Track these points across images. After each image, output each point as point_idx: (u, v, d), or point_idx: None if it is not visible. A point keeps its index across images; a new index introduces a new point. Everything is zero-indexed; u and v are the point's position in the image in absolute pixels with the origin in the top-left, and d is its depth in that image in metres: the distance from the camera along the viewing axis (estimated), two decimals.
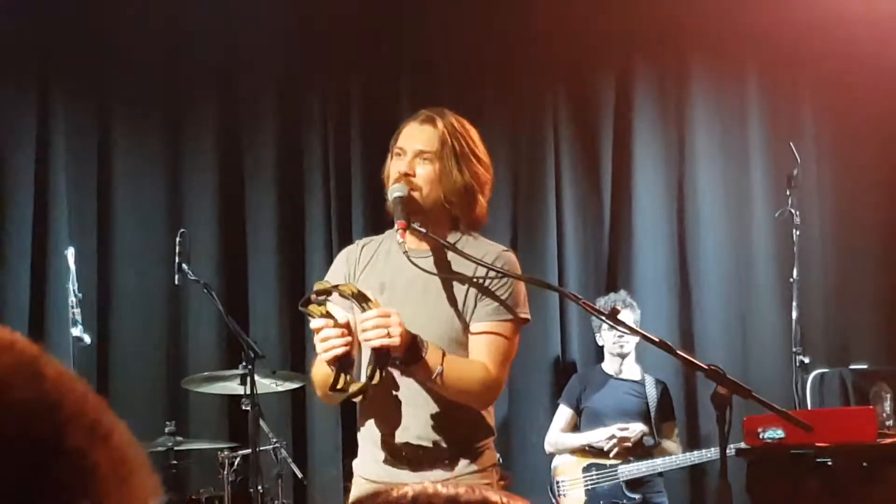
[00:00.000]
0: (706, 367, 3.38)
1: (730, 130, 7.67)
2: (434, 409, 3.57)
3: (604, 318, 3.76)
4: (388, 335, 3.38)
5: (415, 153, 3.66)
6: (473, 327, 3.60)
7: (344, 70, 7.51)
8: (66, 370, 0.77)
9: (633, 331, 3.90)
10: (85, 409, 0.74)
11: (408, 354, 3.45)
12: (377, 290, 3.66)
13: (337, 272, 3.83)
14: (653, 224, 7.56)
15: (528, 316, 3.69)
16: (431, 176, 3.63)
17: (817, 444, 5.02)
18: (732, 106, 7.70)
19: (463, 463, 3.59)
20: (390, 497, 1.01)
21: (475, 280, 3.60)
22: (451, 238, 3.68)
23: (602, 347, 6.94)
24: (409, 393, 3.57)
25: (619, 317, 3.64)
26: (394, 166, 3.70)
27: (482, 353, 3.59)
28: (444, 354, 3.49)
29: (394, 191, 3.63)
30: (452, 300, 3.61)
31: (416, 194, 3.63)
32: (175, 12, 7.32)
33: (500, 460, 3.88)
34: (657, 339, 3.50)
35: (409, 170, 3.65)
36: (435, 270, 3.61)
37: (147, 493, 0.74)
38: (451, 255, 3.64)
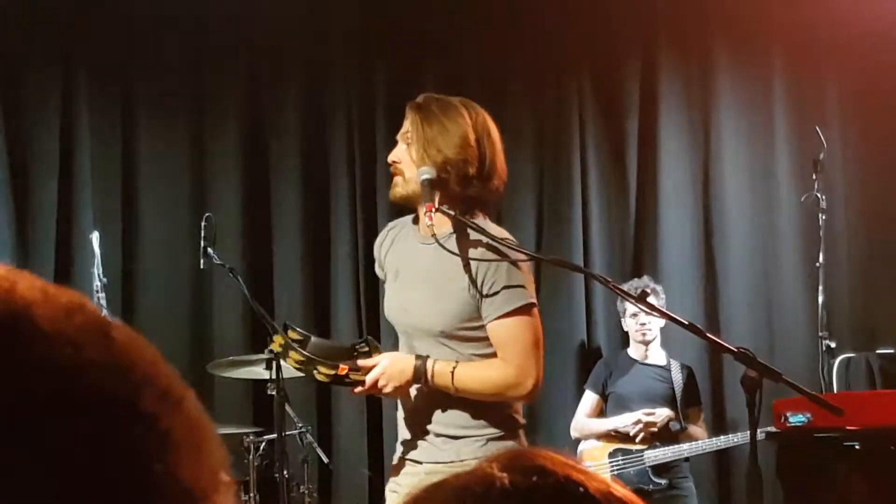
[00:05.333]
0: (736, 349, 3.36)
1: (755, 115, 7.63)
2: (457, 398, 3.63)
3: (633, 300, 3.75)
4: (389, 393, 3.63)
5: (400, 136, 3.77)
6: (486, 322, 3.62)
7: (369, 57, 7.49)
8: (136, 335, 0.76)
9: (662, 314, 3.88)
10: (158, 374, 0.73)
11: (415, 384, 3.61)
12: (394, 275, 3.79)
13: (376, 258, 3.96)
14: (678, 209, 7.53)
15: (534, 300, 3.66)
16: (411, 158, 3.69)
17: (847, 428, 5.00)
18: (758, 90, 7.65)
19: (492, 446, 3.60)
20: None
21: (474, 272, 3.60)
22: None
23: (628, 332, 6.92)
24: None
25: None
26: None
27: (500, 346, 3.62)
28: (453, 371, 3.57)
29: (421, 173, 3.65)
30: (449, 293, 3.63)
31: (399, 180, 3.72)
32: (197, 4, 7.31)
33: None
34: (687, 322, 3.49)
35: (396, 156, 3.75)
36: (442, 261, 3.64)
37: (218, 462, 0.73)
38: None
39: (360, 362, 3.60)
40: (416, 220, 3.79)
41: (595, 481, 1.02)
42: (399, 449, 3.77)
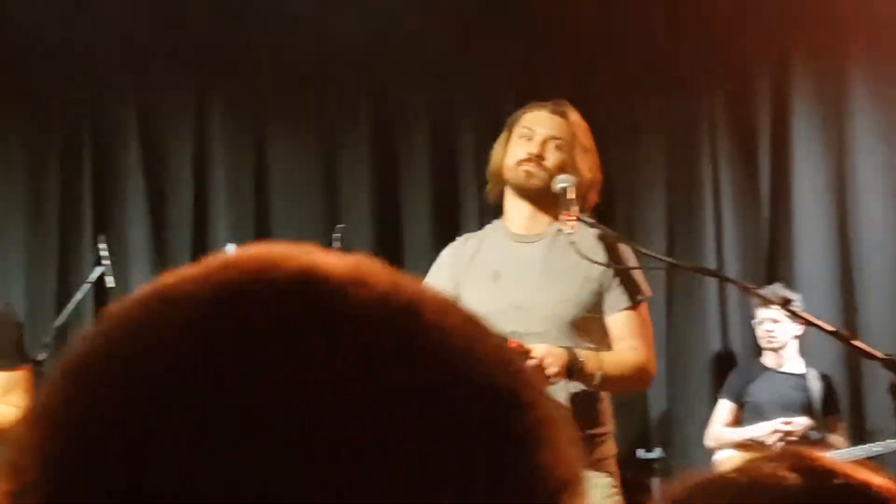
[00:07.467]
0: (883, 356, 3.30)
1: (892, 116, 7.49)
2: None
3: (778, 305, 3.72)
4: (552, 378, 3.50)
5: (546, 137, 3.75)
6: (610, 313, 3.69)
7: (497, 66, 7.47)
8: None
9: (806, 320, 3.83)
10: (523, 368, 0.76)
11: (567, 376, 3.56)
12: (491, 278, 3.76)
13: (442, 266, 3.98)
14: (813, 214, 7.41)
15: (650, 293, 3.85)
16: (561, 163, 3.71)
17: None
18: (895, 92, 7.51)
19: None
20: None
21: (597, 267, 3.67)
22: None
23: None
24: None
25: (771, 311, 3.60)
26: (519, 146, 3.78)
27: (629, 336, 3.68)
28: (598, 356, 3.59)
29: (560, 181, 3.67)
30: (572, 283, 3.67)
31: (544, 176, 3.71)
32: (323, 15, 7.35)
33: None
34: (830, 329, 3.45)
35: (541, 152, 3.70)
36: (556, 255, 3.72)
37: (575, 453, 0.75)
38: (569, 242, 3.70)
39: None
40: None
41: (878, 481, 1.02)
42: None
